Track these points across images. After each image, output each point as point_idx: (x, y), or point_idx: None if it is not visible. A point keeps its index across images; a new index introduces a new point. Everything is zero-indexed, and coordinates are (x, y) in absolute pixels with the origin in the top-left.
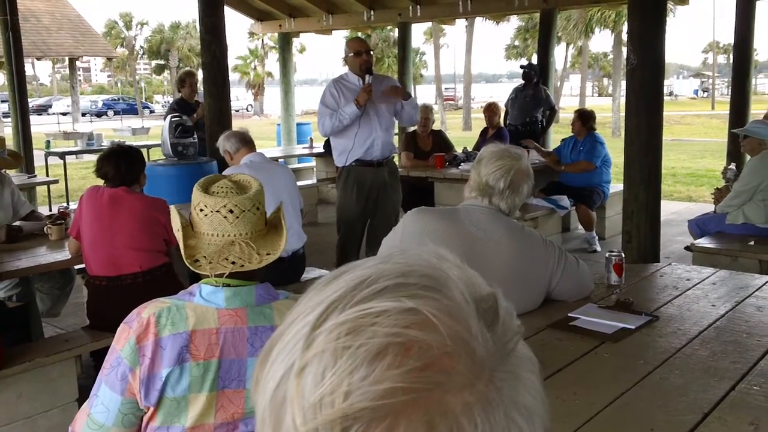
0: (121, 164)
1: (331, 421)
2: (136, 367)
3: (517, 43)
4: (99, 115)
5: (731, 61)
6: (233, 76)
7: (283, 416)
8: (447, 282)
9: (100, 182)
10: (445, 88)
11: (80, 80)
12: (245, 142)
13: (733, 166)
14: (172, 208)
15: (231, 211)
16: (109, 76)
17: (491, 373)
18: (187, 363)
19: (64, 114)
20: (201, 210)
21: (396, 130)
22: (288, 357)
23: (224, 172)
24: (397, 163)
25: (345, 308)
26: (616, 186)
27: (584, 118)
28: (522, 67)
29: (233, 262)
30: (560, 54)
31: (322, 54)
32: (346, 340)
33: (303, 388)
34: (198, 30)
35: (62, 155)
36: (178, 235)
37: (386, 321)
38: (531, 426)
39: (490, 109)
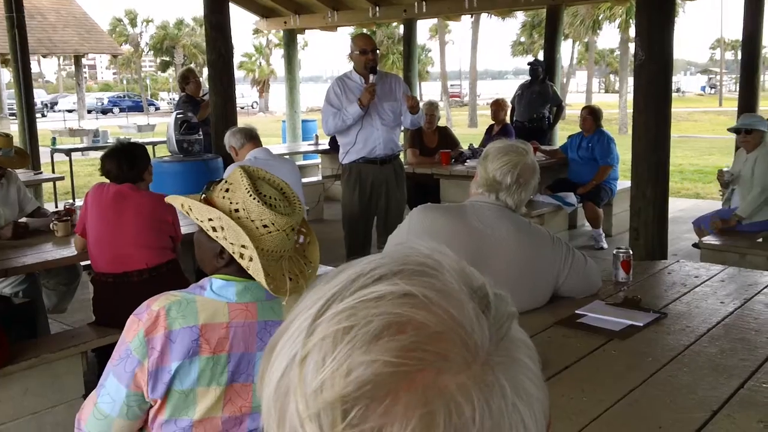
0: (123, 162)
1: (331, 403)
2: (144, 360)
3: (523, 39)
4: (105, 112)
5: (739, 57)
6: (238, 74)
7: (287, 405)
8: (440, 268)
9: (106, 179)
10: (451, 85)
11: (86, 77)
12: (251, 137)
13: (726, 168)
14: (239, 229)
15: (293, 229)
16: (114, 74)
17: (487, 356)
18: (197, 356)
19: (70, 111)
20: (265, 226)
21: (401, 128)
22: (291, 348)
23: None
24: (402, 160)
25: (344, 298)
26: (623, 183)
27: (595, 115)
28: (530, 63)
29: (290, 278)
30: (566, 50)
31: (327, 51)
32: (345, 326)
33: (305, 375)
34: (203, 26)
35: (68, 152)
36: (251, 253)
37: (383, 304)
38: (530, 410)
39: (497, 104)
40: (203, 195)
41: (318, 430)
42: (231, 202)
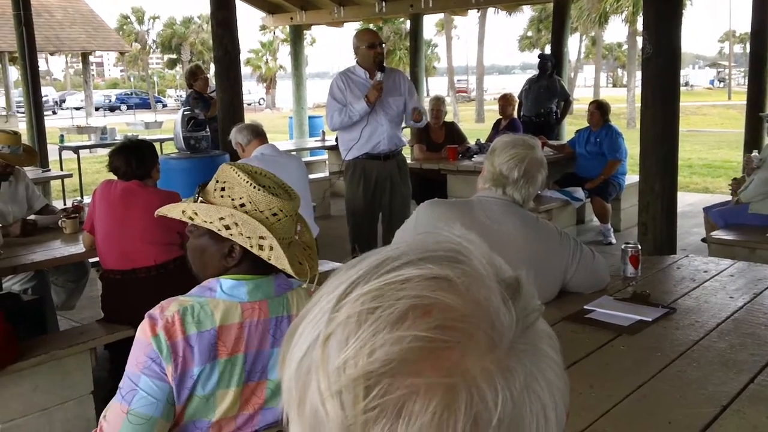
0: (131, 159)
1: (354, 380)
2: (169, 363)
3: (530, 33)
4: (112, 109)
5: (748, 50)
6: (245, 70)
7: (309, 384)
8: (470, 255)
9: (114, 176)
10: (458, 80)
11: (93, 75)
12: (257, 134)
13: (756, 153)
14: (254, 221)
15: (295, 213)
16: (122, 71)
17: (511, 343)
18: (216, 359)
19: (77, 108)
20: (274, 215)
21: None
22: (313, 330)
23: None
24: (409, 155)
25: (370, 281)
26: (631, 177)
27: (602, 110)
28: (540, 55)
29: (301, 263)
30: (574, 44)
31: (334, 47)
32: (370, 307)
33: (328, 354)
34: (209, 23)
35: (76, 149)
36: (271, 242)
37: (410, 286)
38: (552, 399)
39: (505, 99)
40: (199, 200)
41: (340, 407)
42: (233, 199)
